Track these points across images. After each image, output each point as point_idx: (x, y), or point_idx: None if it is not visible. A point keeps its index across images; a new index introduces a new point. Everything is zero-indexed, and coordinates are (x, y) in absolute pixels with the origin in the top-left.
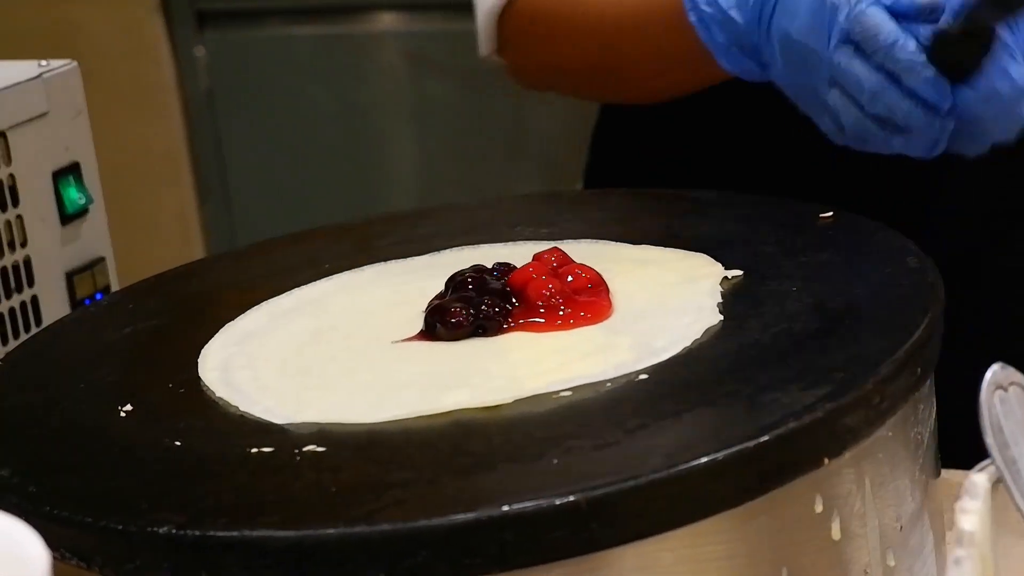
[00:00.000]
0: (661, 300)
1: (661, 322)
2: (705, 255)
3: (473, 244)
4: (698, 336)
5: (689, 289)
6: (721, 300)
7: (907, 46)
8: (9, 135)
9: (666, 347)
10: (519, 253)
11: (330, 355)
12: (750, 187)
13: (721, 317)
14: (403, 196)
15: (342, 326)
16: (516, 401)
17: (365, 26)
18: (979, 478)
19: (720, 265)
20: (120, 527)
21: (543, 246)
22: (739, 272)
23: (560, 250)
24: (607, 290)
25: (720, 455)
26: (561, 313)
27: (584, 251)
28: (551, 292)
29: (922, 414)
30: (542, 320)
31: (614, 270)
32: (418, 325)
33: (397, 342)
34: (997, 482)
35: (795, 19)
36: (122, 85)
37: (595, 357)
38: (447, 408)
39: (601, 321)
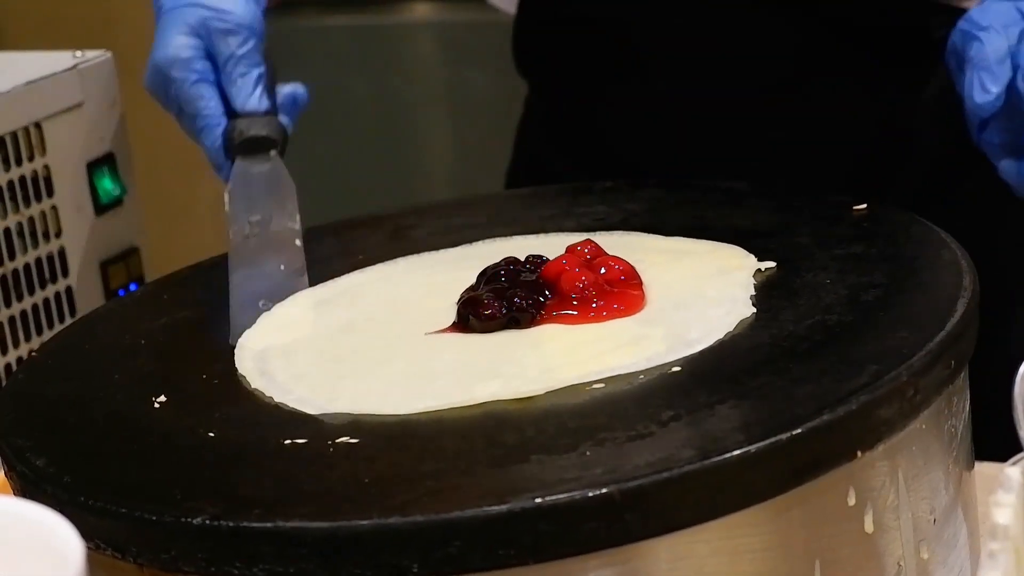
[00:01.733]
0: (694, 292)
1: (694, 314)
2: (738, 247)
3: (506, 235)
4: (731, 328)
5: (722, 281)
6: (754, 292)
7: None
8: (44, 125)
9: (699, 339)
10: (552, 244)
11: (363, 346)
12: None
13: (754, 309)
14: (437, 186)
15: (376, 317)
16: (549, 392)
17: (400, 16)
18: (1013, 471)
19: (753, 257)
20: (154, 517)
21: (576, 237)
22: (772, 264)
23: (593, 242)
24: (640, 282)
25: (753, 447)
26: (594, 305)
27: (617, 242)
28: (584, 284)
29: (956, 407)
30: (575, 312)
31: (647, 262)
32: (451, 316)
33: (430, 333)
34: None
35: None
36: None
37: (628, 348)
38: (480, 399)
39: (634, 313)
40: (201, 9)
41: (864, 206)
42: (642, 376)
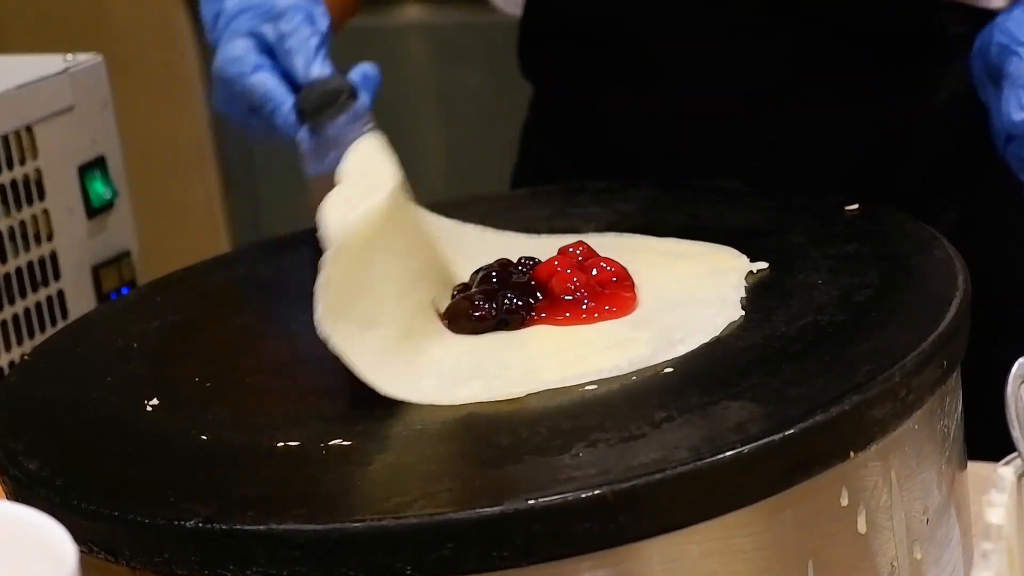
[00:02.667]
0: (686, 294)
1: (684, 316)
2: (731, 248)
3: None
4: (718, 332)
5: (715, 282)
6: (745, 294)
7: None
8: (35, 129)
9: (683, 341)
10: (545, 245)
11: None
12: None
13: (742, 312)
14: (429, 188)
15: None
16: (542, 394)
17: (392, 18)
18: (1006, 471)
19: (746, 258)
20: (147, 520)
21: (569, 238)
22: (764, 265)
23: (585, 243)
24: (632, 283)
25: (746, 448)
26: (585, 306)
27: (610, 244)
28: (576, 286)
29: (948, 407)
30: (566, 314)
31: (640, 263)
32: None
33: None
34: None
35: None
36: (148, 78)
37: (615, 351)
38: (460, 401)
39: (626, 314)
40: (249, 12)
41: (856, 206)
42: (635, 377)
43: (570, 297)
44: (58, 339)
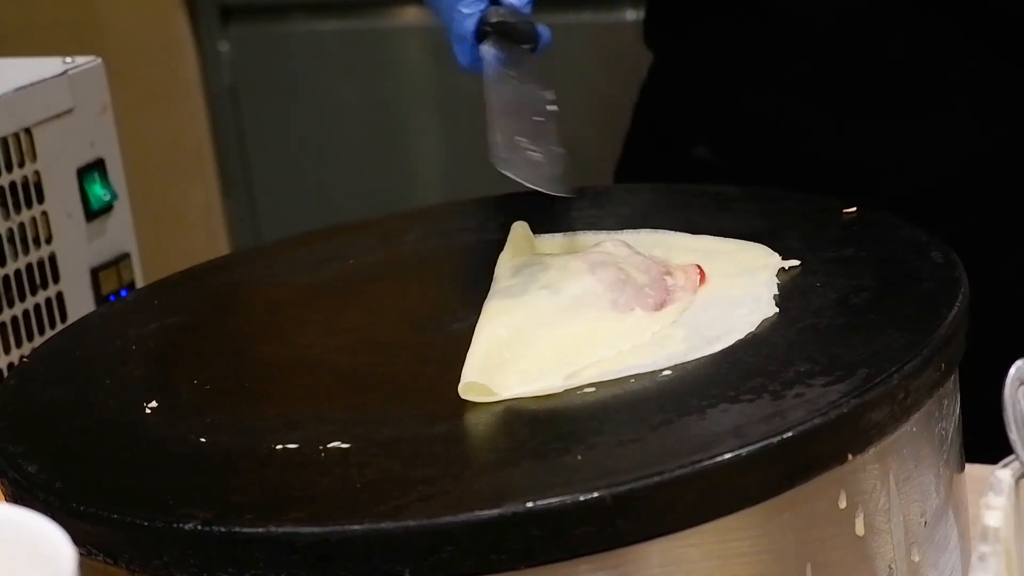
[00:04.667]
0: (717, 291)
1: (718, 314)
2: (764, 246)
3: (500, 239)
4: (753, 328)
5: (747, 280)
6: (777, 292)
7: None
8: (34, 132)
9: (721, 339)
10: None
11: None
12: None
13: (777, 309)
14: (428, 191)
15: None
16: (540, 397)
17: (390, 20)
18: (1003, 474)
19: (778, 256)
20: (146, 523)
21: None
22: (796, 263)
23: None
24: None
25: (744, 451)
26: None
27: (644, 240)
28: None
29: (946, 409)
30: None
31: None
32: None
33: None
34: (1021, 478)
35: None
36: (146, 80)
37: (649, 348)
38: (501, 396)
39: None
40: None
41: (854, 209)
42: (633, 380)
43: None
44: (57, 342)
